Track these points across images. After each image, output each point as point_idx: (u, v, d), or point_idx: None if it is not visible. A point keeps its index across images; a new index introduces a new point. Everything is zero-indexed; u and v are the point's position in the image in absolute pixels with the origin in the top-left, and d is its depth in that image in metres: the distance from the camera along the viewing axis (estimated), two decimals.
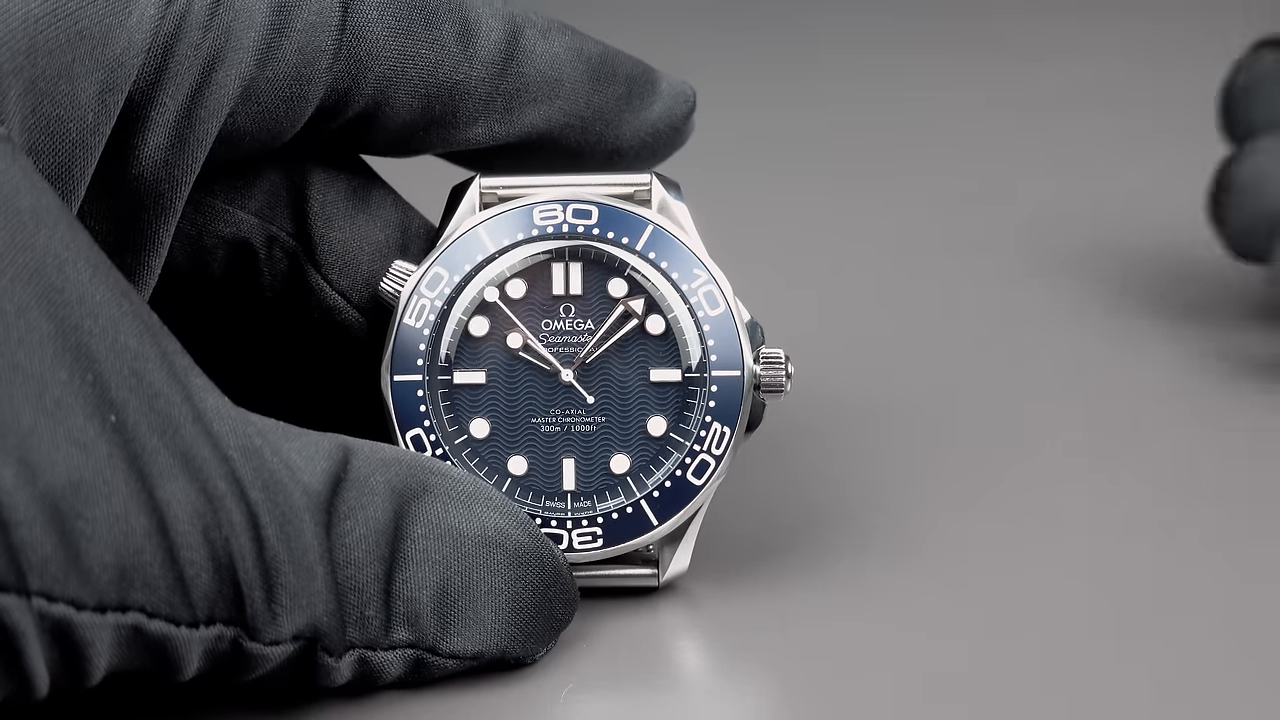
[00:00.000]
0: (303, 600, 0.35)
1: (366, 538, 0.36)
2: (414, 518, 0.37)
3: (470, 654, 0.38)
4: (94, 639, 0.33)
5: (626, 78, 0.43)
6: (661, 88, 0.43)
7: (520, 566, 0.38)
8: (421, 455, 0.39)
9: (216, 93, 0.39)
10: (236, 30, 0.39)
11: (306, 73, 0.39)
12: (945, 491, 0.46)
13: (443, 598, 0.37)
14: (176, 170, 0.39)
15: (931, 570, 0.43)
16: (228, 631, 0.34)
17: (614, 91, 0.42)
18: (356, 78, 0.40)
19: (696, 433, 0.40)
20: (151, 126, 0.38)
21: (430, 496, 0.38)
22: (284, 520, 0.35)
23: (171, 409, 0.34)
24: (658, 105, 0.43)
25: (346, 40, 0.40)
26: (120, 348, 0.34)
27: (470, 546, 0.38)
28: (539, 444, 0.41)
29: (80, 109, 0.37)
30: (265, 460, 0.35)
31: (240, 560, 0.34)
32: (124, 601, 0.33)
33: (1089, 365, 0.55)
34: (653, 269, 0.41)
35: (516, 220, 0.41)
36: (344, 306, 0.42)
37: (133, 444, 0.33)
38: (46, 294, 0.33)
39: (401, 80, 0.40)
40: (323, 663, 0.36)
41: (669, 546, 0.41)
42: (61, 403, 0.33)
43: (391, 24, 0.40)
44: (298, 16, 0.39)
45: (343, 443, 0.37)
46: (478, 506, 0.38)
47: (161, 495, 0.33)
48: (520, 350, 0.41)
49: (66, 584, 0.32)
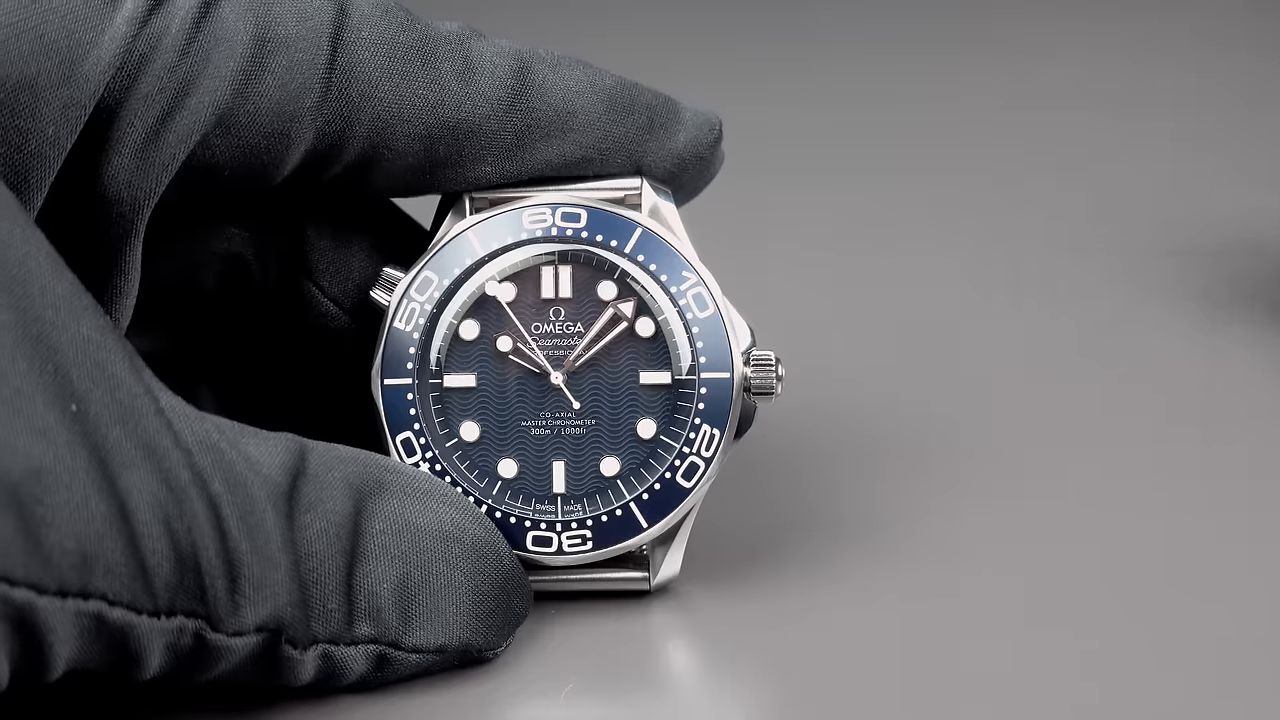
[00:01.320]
0: (266, 591, 0.35)
1: (327, 531, 0.36)
2: (372, 513, 0.37)
3: (433, 647, 0.38)
4: (55, 625, 0.32)
5: (646, 108, 0.41)
6: (685, 117, 0.42)
7: (478, 560, 0.38)
8: (376, 455, 0.39)
9: (187, 119, 0.38)
10: (215, 58, 0.38)
11: (290, 109, 0.39)
12: (939, 493, 0.46)
13: (403, 592, 0.37)
14: (138, 192, 0.38)
15: (924, 572, 0.43)
16: (190, 623, 0.34)
17: (634, 122, 0.41)
18: (350, 119, 0.39)
19: (686, 435, 0.40)
20: (115, 146, 0.38)
21: (387, 493, 0.38)
22: (246, 511, 0.35)
23: (134, 400, 0.34)
24: (682, 135, 0.41)
25: (336, 79, 0.39)
26: (82, 339, 0.34)
27: (428, 541, 0.38)
28: (529, 447, 0.41)
29: (41, 121, 0.37)
30: (224, 454, 0.35)
31: (203, 550, 0.34)
32: (85, 588, 0.33)
33: (1079, 360, 0.55)
34: (642, 271, 0.41)
35: (506, 224, 0.41)
36: (335, 313, 0.42)
37: (94, 433, 0.33)
38: (6, 285, 0.33)
39: (399, 122, 0.39)
40: (286, 656, 0.36)
41: (660, 549, 0.41)
42: (21, 391, 0.33)
43: (385, 63, 0.39)
44: (282, 52, 0.39)
45: (298, 440, 0.37)
46: (434, 502, 0.38)
47: (123, 484, 0.33)
48: (510, 353, 0.41)
49: (28, 568, 0.32)
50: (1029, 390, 0.53)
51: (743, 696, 0.39)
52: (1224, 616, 0.40)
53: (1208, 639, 0.40)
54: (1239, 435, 0.49)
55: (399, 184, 0.41)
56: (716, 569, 0.42)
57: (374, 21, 0.40)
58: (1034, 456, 0.49)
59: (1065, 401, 0.52)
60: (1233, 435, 0.49)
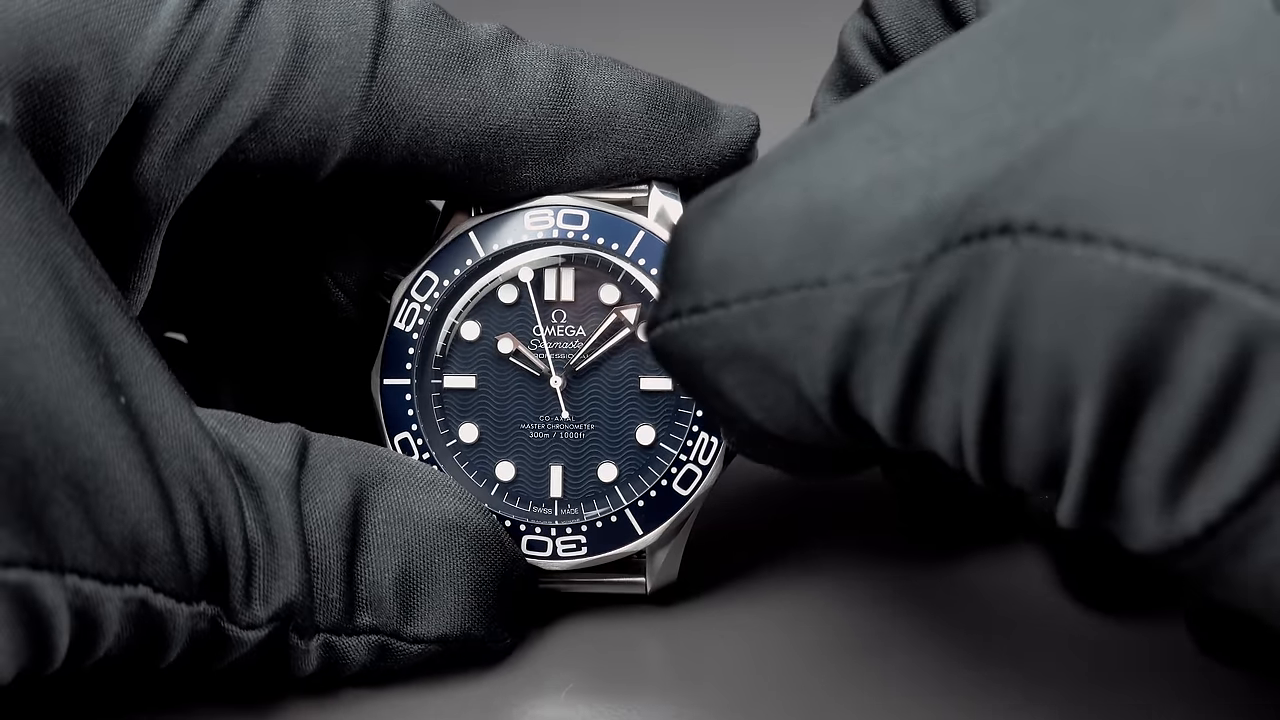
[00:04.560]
0: (278, 582, 0.36)
1: (327, 520, 0.37)
2: (373, 503, 0.37)
3: (434, 637, 0.38)
4: (112, 611, 0.33)
5: (686, 106, 0.41)
6: (723, 114, 0.41)
7: (480, 550, 0.38)
8: (376, 446, 0.39)
9: (224, 121, 0.38)
10: (256, 61, 0.38)
11: (329, 118, 0.38)
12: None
13: (405, 581, 0.37)
14: (167, 191, 0.38)
15: (923, 575, 0.42)
16: (209, 609, 0.35)
17: (675, 120, 0.40)
18: (388, 128, 0.39)
19: (684, 442, 0.40)
20: (149, 144, 0.38)
21: (389, 483, 0.38)
22: (261, 501, 0.35)
23: (171, 391, 0.35)
24: (722, 131, 0.41)
25: (376, 88, 0.38)
26: (120, 330, 0.34)
27: (431, 530, 0.38)
28: (527, 450, 0.41)
29: (81, 114, 0.36)
30: (234, 445, 0.36)
31: (230, 540, 0.35)
32: (137, 575, 0.33)
33: None
34: (644, 275, 0.41)
35: (508, 226, 0.41)
36: (347, 305, 0.42)
37: (141, 424, 0.34)
38: (56, 277, 0.34)
39: (439, 130, 0.39)
40: (293, 645, 0.36)
41: (658, 554, 0.41)
42: (81, 382, 0.33)
43: (426, 71, 0.39)
44: (324, 58, 0.38)
45: (300, 431, 0.38)
46: (435, 493, 0.38)
47: (167, 474, 0.34)
48: (511, 356, 0.41)
49: (96, 558, 0.33)
50: None
51: (739, 701, 0.39)
52: None
53: None
54: None
55: (437, 191, 0.40)
56: (713, 574, 0.42)
57: (415, 28, 0.39)
58: None
59: None
60: None
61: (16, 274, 0.33)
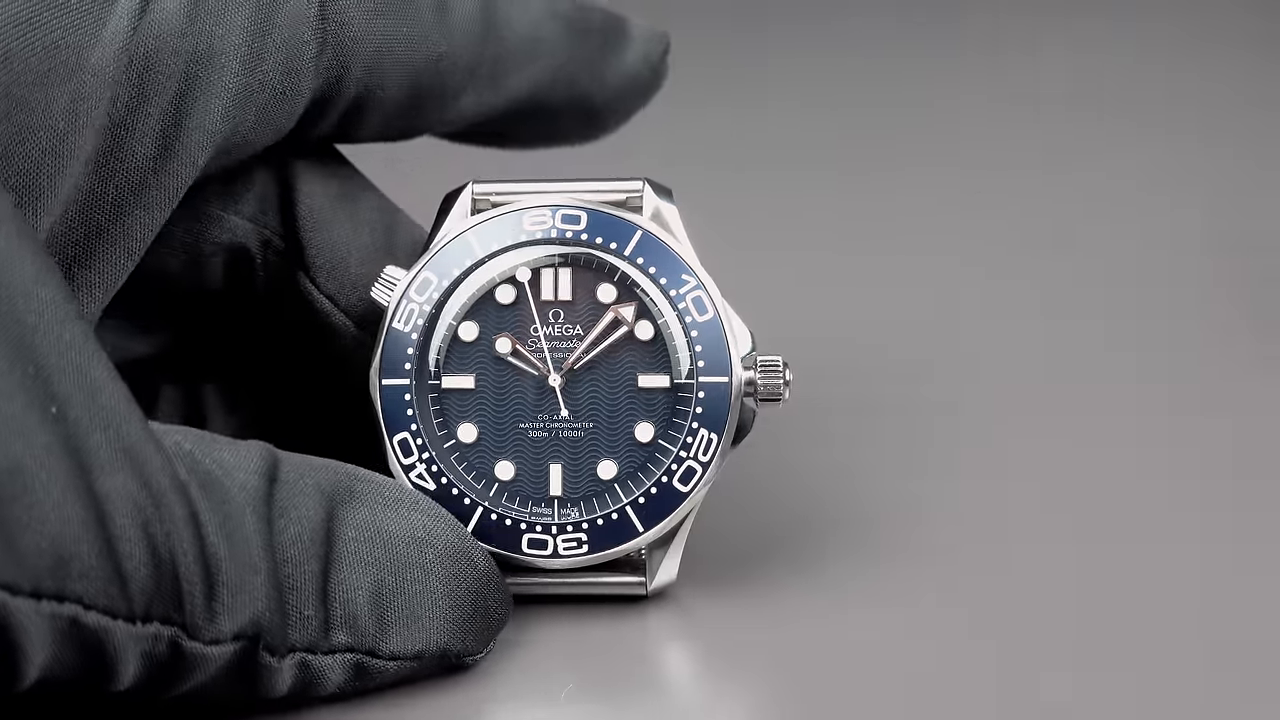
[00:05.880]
0: (244, 597, 0.35)
1: (301, 536, 0.36)
2: (344, 521, 0.37)
3: (411, 654, 0.37)
4: (29, 626, 0.32)
5: (600, 29, 0.43)
6: (634, 32, 0.44)
7: (453, 564, 0.38)
8: (345, 464, 0.39)
9: (204, 98, 0.38)
10: (218, 35, 0.39)
11: (294, 65, 0.40)
12: (936, 496, 0.46)
13: (379, 598, 0.37)
14: (167, 177, 0.39)
15: (921, 575, 0.42)
16: (165, 630, 0.34)
17: (592, 42, 0.43)
18: (346, 65, 0.40)
19: (684, 439, 0.40)
20: (137, 134, 0.38)
21: (357, 501, 0.38)
22: (224, 516, 0.35)
23: (117, 405, 0.34)
24: (634, 49, 0.44)
25: (329, 29, 0.40)
26: (65, 343, 0.34)
27: (401, 547, 0.38)
28: (527, 449, 0.41)
29: (51, 117, 0.37)
30: (199, 460, 0.35)
31: (181, 556, 0.34)
32: (61, 591, 0.32)
33: (1077, 360, 0.55)
34: (641, 274, 0.41)
35: (506, 226, 0.41)
36: (332, 310, 0.42)
37: (74, 436, 0.33)
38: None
39: (388, 61, 0.41)
40: (264, 664, 0.36)
41: (657, 553, 0.41)
42: (1, 391, 0.32)
43: (370, 6, 0.41)
44: (277, 12, 0.39)
45: (268, 448, 0.37)
46: (404, 509, 0.38)
47: (101, 487, 0.33)
48: (509, 355, 0.41)
49: (2, 568, 0.32)
50: (1028, 391, 0.53)
51: (739, 701, 0.39)
52: (1204, 618, 0.40)
53: (1219, 645, 0.39)
54: (1248, 428, 0.50)
55: (386, 126, 0.42)
56: (713, 573, 0.42)
57: None
58: (1035, 458, 0.48)
59: (1064, 401, 0.52)
60: (1245, 429, 0.50)
61: None
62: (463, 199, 0.41)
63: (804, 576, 0.42)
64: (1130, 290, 0.59)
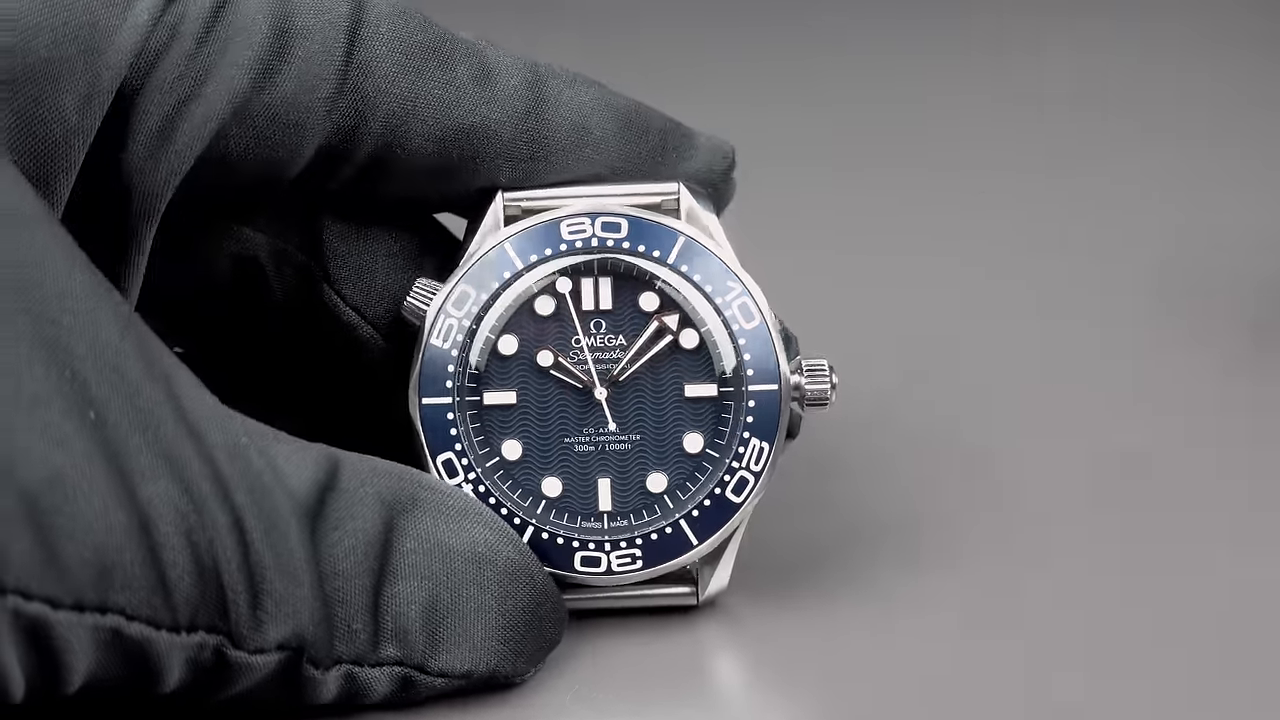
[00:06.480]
0: (288, 608, 0.35)
1: (355, 549, 0.36)
2: (403, 531, 0.37)
3: (459, 672, 0.37)
4: (72, 639, 0.32)
5: (660, 131, 0.41)
6: (699, 142, 0.41)
7: (511, 583, 0.37)
8: (410, 469, 0.38)
9: (204, 107, 0.38)
10: (233, 47, 0.38)
11: (306, 100, 0.39)
12: (988, 505, 0.45)
13: (432, 613, 0.37)
14: (150, 180, 0.38)
15: (973, 585, 0.42)
16: (210, 639, 0.34)
17: (648, 143, 0.41)
18: (364, 114, 0.39)
19: (735, 449, 0.39)
20: (130, 135, 0.37)
21: (420, 510, 0.37)
22: (270, 525, 0.34)
23: (154, 407, 0.33)
24: (696, 160, 0.41)
25: (352, 73, 0.39)
26: (100, 344, 0.33)
27: (460, 562, 0.37)
28: (573, 464, 0.40)
29: (64, 110, 0.36)
30: (251, 463, 0.35)
31: (225, 564, 0.34)
32: (103, 602, 0.32)
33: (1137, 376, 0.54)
34: (685, 282, 0.40)
35: (544, 235, 0.40)
36: (359, 322, 0.41)
37: (113, 442, 0.33)
38: (23, 289, 0.33)
39: (413, 119, 0.39)
40: (308, 675, 0.35)
41: (708, 564, 0.40)
42: (38, 398, 0.32)
43: (402, 60, 0.39)
44: (300, 44, 0.38)
45: (331, 453, 0.37)
46: (468, 521, 0.38)
47: (143, 494, 0.33)
48: (551, 368, 0.40)
49: (43, 581, 0.31)
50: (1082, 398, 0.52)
51: (791, 712, 0.38)
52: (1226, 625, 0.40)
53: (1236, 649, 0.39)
54: None
55: (411, 189, 0.40)
56: (763, 581, 0.42)
57: (391, 20, 0.39)
58: (1089, 463, 0.48)
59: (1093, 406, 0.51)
60: None
61: None
62: (494, 208, 0.40)
63: (856, 585, 0.42)
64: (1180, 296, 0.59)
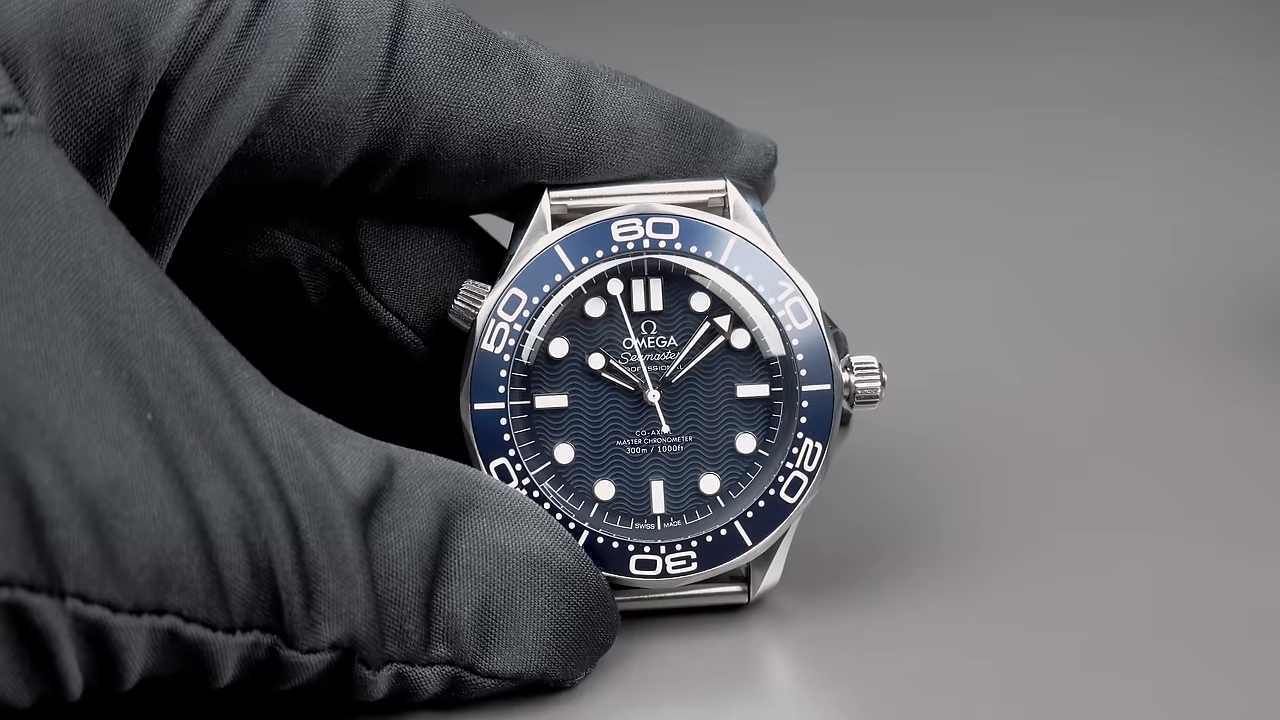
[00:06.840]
0: (341, 608, 0.35)
1: (409, 550, 0.36)
2: (459, 532, 0.37)
3: (509, 674, 0.37)
4: (129, 642, 0.32)
5: (703, 128, 0.41)
6: (741, 139, 0.41)
7: (565, 587, 0.37)
8: (468, 468, 0.38)
9: (241, 102, 0.37)
10: (274, 45, 0.38)
11: (346, 100, 0.38)
12: (1042, 507, 0.45)
13: (484, 615, 0.37)
14: (183, 174, 0.38)
15: (1025, 587, 0.42)
16: (264, 639, 0.34)
17: (691, 142, 0.41)
18: (406, 116, 0.39)
19: (788, 450, 0.39)
20: (165, 125, 0.37)
21: (476, 511, 0.37)
22: (324, 525, 0.34)
23: (209, 407, 0.33)
24: (739, 156, 0.41)
25: (394, 74, 0.38)
26: (157, 344, 0.33)
27: (515, 564, 0.37)
28: (625, 467, 0.40)
29: (109, 101, 0.36)
30: (306, 462, 0.35)
31: (279, 565, 0.34)
32: (160, 604, 0.32)
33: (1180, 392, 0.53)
34: (736, 283, 0.40)
35: (595, 236, 0.40)
36: (399, 326, 0.41)
37: (170, 443, 0.33)
38: (80, 289, 0.33)
39: (456, 121, 0.39)
40: (359, 674, 0.35)
41: (759, 563, 0.40)
42: (96, 400, 0.32)
43: (444, 62, 0.39)
44: (342, 43, 0.38)
45: (388, 452, 0.36)
46: (524, 524, 0.37)
47: (200, 496, 0.33)
48: (602, 371, 0.40)
49: (103, 586, 0.32)
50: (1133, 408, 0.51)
51: (841, 710, 0.38)
52: None
53: None
54: None
55: (451, 191, 0.40)
56: (813, 578, 0.42)
57: (434, 19, 0.39)
58: (1141, 474, 0.47)
59: (1171, 422, 0.50)
60: None
61: (32, 287, 0.32)
62: (541, 208, 0.40)
63: (906, 584, 0.42)
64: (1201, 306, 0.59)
